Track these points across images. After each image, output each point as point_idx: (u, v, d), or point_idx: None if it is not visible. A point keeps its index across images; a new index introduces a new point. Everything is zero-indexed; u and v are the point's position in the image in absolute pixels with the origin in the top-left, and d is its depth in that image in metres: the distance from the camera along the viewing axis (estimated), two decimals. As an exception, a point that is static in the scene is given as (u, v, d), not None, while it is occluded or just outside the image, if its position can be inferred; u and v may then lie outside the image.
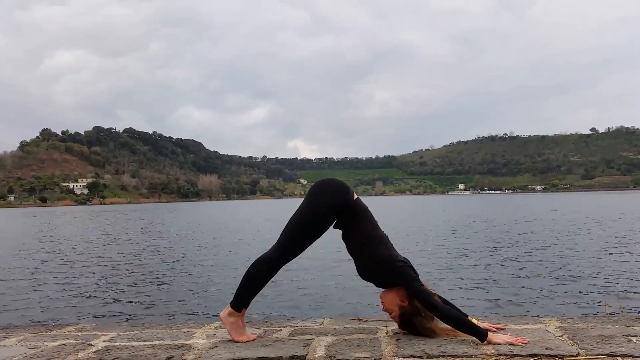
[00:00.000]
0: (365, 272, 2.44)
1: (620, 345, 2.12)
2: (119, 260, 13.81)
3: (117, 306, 7.86)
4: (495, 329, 2.42)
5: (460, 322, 2.24)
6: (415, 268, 2.42)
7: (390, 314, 2.44)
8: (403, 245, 14.47)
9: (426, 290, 2.30)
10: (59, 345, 2.43)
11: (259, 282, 2.44)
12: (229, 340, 2.41)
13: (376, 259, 2.37)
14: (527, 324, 2.59)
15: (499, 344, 2.16)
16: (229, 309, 2.43)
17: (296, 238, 2.41)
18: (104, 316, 7.19)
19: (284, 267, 2.47)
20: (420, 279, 2.37)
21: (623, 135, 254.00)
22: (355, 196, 2.47)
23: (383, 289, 2.48)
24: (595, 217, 27.14)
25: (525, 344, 2.16)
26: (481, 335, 2.19)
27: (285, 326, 2.71)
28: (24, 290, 9.38)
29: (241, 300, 2.43)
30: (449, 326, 2.28)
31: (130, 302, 8.17)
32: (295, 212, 2.44)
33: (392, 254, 2.39)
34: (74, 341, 2.51)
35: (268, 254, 2.44)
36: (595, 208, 39.71)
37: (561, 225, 22.27)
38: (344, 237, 2.49)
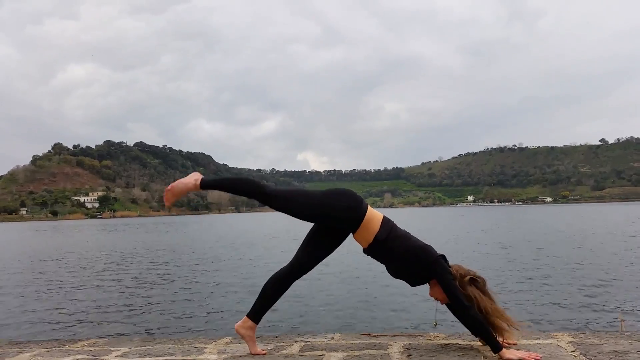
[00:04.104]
0: (398, 269, 2.44)
1: (634, 361, 2.10)
2: (130, 275, 13.86)
3: (129, 321, 7.89)
4: (507, 345, 2.40)
5: (482, 328, 2.25)
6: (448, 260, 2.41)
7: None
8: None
9: (457, 285, 2.30)
10: (72, 360, 2.45)
11: (275, 296, 2.48)
12: (240, 356, 2.42)
13: (407, 254, 2.37)
14: (539, 339, 2.57)
15: (512, 360, 2.14)
16: (248, 321, 2.46)
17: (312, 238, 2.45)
18: (116, 331, 7.21)
19: (295, 282, 2.50)
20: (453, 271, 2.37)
21: (633, 146, 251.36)
22: (369, 207, 2.48)
23: (418, 291, 2.48)
24: (610, 230, 26.82)
25: (538, 360, 2.15)
26: (497, 347, 2.19)
27: (296, 341, 2.71)
28: (37, 306, 9.45)
29: (260, 312, 2.48)
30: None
31: (142, 317, 8.19)
32: (310, 210, 2.45)
33: (421, 245, 2.40)
34: (87, 356, 2.53)
35: (286, 268, 2.48)
36: (609, 220, 39.26)
37: (574, 238, 22.04)
38: (369, 251, 2.49)
